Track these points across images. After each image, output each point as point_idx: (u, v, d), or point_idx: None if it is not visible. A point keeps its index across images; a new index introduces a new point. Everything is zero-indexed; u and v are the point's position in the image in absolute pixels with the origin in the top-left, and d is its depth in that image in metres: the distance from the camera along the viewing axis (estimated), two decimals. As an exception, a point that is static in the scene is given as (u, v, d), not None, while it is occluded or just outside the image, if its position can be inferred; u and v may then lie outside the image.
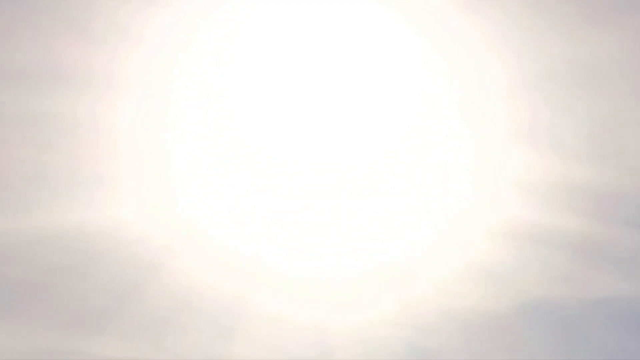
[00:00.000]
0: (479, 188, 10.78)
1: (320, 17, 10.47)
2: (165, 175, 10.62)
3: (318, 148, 10.80)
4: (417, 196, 10.79)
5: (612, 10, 10.33)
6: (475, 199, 10.78)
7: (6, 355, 10.19)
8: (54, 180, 10.43)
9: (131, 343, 10.38)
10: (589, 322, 10.87)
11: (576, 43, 10.38)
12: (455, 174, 10.74)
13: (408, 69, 10.57)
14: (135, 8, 10.20)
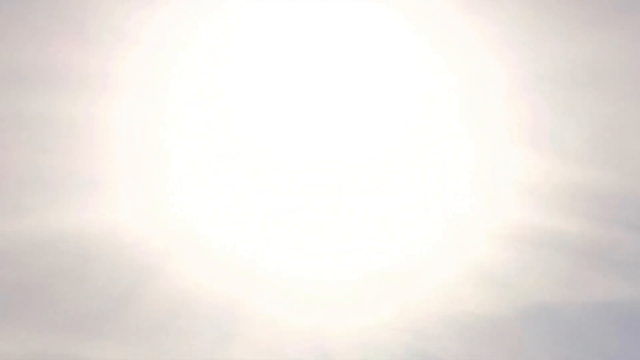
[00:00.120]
0: (480, 190, 10.79)
1: (319, 18, 10.49)
2: (162, 177, 10.64)
3: (317, 151, 10.80)
4: (417, 198, 10.80)
5: (615, 10, 10.36)
6: (475, 202, 10.79)
7: (1, 359, 10.17)
8: (50, 182, 10.44)
9: (128, 347, 10.38)
10: (592, 326, 10.87)
11: (578, 43, 10.40)
12: (455, 176, 10.75)
13: (408, 70, 10.59)
14: (132, 8, 10.24)
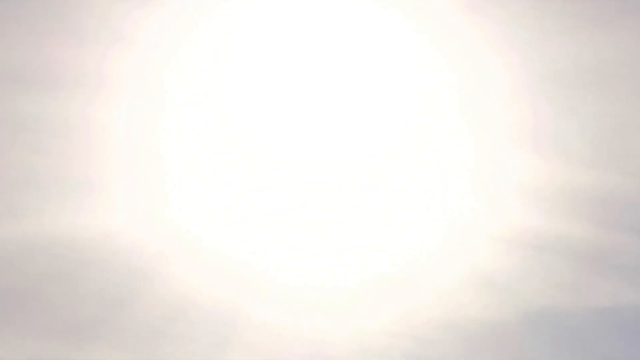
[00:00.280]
0: (481, 193, 10.79)
1: (320, 20, 10.54)
2: (158, 180, 10.62)
3: (317, 155, 10.79)
4: (418, 201, 10.79)
5: (618, 10, 10.40)
6: (477, 205, 10.79)
7: (-5, 364, 10.20)
8: (44, 184, 10.43)
9: (124, 352, 10.34)
10: (594, 331, 10.84)
11: (581, 44, 10.43)
12: (456, 179, 10.75)
13: (409, 70, 10.60)
14: (128, 9, 10.28)
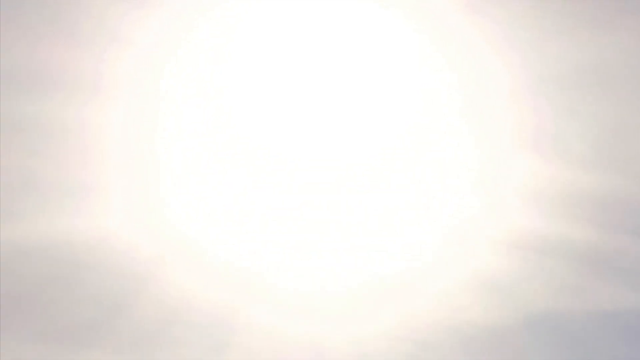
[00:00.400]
0: (482, 196, 10.78)
1: (320, 20, 10.54)
2: (156, 183, 10.59)
3: (316, 157, 10.77)
4: (419, 204, 10.77)
5: (619, 11, 10.41)
6: (478, 208, 10.79)
7: (-10, 369, 10.17)
8: (40, 187, 10.38)
9: (120, 356, 10.32)
10: (596, 335, 10.83)
11: (582, 45, 10.43)
12: (457, 181, 10.74)
13: (409, 72, 10.60)
14: (124, 10, 10.26)
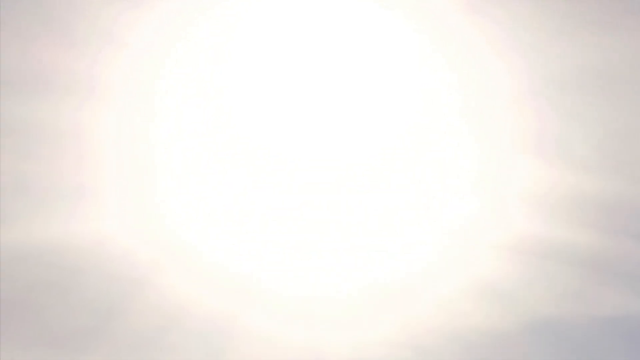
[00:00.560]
0: (484, 200, 10.73)
1: (320, 20, 10.50)
2: (151, 186, 10.53)
3: (315, 159, 10.71)
4: (419, 208, 10.71)
5: (625, 13, 10.36)
6: (480, 212, 10.74)
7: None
8: (34, 191, 10.31)
9: None
10: (600, 341, 10.78)
11: (586, 47, 10.38)
12: (459, 185, 10.69)
13: (411, 75, 10.54)
14: (119, 11, 10.21)
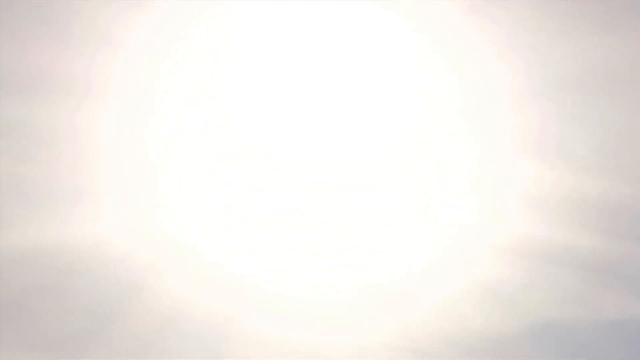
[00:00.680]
0: (485, 202, 10.68)
1: (319, 21, 10.36)
2: (149, 189, 10.48)
3: (314, 159, 10.62)
4: (419, 210, 10.66)
5: (627, 13, 10.24)
6: (479, 214, 10.68)
7: (-21, 381, 10.08)
8: (30, 193, 10.28)
9: None
10: (601, 344, 10.79)
11: (588, 48, 10.29)
12: (459, 187, 10.63)
13: (411, 75, 10.46)
14: (117, 11, 10.10)
